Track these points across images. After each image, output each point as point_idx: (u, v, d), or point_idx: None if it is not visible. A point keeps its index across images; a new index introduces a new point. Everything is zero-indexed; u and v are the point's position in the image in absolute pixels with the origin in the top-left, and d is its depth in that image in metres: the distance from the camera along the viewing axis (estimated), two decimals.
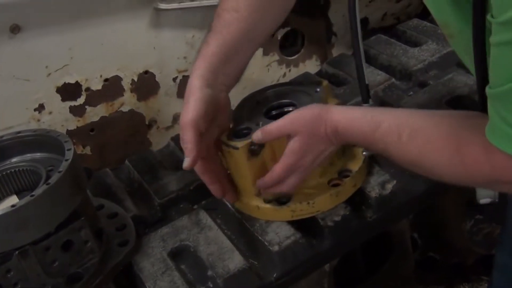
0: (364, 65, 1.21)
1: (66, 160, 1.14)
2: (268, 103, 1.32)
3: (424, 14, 2.01)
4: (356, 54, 1.20)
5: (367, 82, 1.23)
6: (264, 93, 1.36)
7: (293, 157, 1.13)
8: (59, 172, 1.11)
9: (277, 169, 1.16)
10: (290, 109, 1.29)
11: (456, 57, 1.65)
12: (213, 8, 1.63)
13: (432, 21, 1.90)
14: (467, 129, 0.91)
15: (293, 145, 1.12)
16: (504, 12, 0.71)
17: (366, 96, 1.24)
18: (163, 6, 1.60)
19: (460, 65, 1.65)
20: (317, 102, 1.25)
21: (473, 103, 1.46)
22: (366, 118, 1.05)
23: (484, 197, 1.11)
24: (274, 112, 1.31)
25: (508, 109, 0.78)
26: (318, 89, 1.29)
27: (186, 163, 1.14)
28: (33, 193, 1.07)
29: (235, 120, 1.29)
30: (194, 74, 1.17)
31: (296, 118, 1.12)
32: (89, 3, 1.51)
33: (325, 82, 1.32)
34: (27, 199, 1.06)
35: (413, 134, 0.97)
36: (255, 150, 1.21)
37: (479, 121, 0.87)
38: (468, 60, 1.02)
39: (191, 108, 1.12)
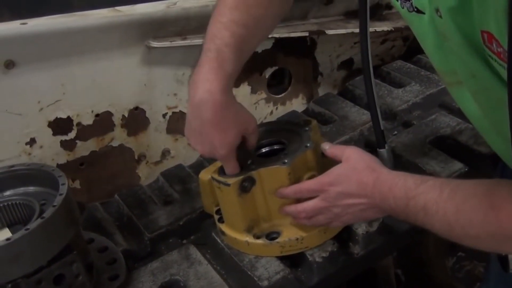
0: (379, 111, 1.24)
1: (61, 194, 1.16)
2: (258, 141, 1.35)
3: (407, 55, 2.08)
4: (371, 104, 1.24)
5: (382, 128, 1.25)
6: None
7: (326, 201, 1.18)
8: (54, 206, 1.13)
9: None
10: (279, 147, 1.33)
11: (438, 99, 1.72)
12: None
13: (415, 63, 1.96)
14: (504, 187, 0.92)
15: (332, 190, 1.16)
16: None
17: (382, 141, 1.27)
18: (154, 44, 1.63)
19: (442, 106, 1.70)
20: (307, 141, 1.28)
21: (456, 143, 1.51)
22: (414, 176, 1.07)
23: None
24: (264, 150, 1.35)
25: None
26: (307, 128, 1.33)
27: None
28: (27, 227, 1.09)
29: None
30: (216, 86, 1.13)
31: (354, 154, 1.17)
32: (82, 40, 1.54)
33: (314, 122, 1.36)
34: (21, 232, 1.07)
35: (454, 191, 0.97)
36: (246, 187, 1.24)
37: None
38: (478, 107, 1.05)
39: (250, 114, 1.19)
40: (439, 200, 0.98)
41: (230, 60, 1.15)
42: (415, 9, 1.03)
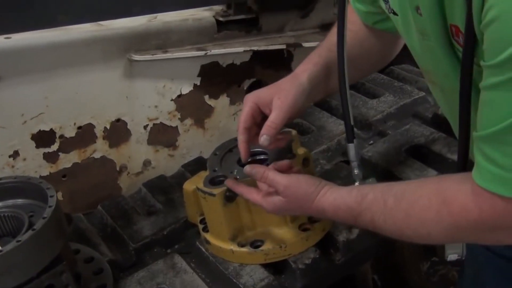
0: (350, 106, 1.25)
1: (50, 206, 1.18)
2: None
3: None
4: (343, 98, 1.25)
5: (352, 123, 1.27)
6: (236, 142, 1.43)
7: (270, 207, 1.18)
8: (44, 218, 1.15)
9: (254, 199, 1.21)
10: (262, 157, 1.37)
11: (411, 109, 1.78)
12: (183, 60, 1.74)
13: (388, 74, 2.02)
14: (451, 183, 0.94)
15: (276, 201, 1.17)
16: (497, 55, 0.76)
17: (351, 136, 1.28)
18: (136, 57, 1.67)
19: (416, 116, 1.77)
20: (288, 151, 1.33)
21: (430, 152, 1.57)
22: (352, 194, 1.08)
23: (452, 254, 1.14)
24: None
25: (497, 150, 0.82)
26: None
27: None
28: (19, 239, 1.11)
29: (209, 168, 1.36)
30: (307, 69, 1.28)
31: (292, 186, 1.15)
32: (65, 54, 1.57)
33: (294, 132, 1.40)
34: (13, 244, 1.09)
35: (398, 198, 1.00)
36: (230, 197, 1.28)
37: (459, 175, 0.94)
38: (447, 106, 1.11)
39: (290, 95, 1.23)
40: (385, 211, 1.01)
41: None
42: (392, 11, 1.09)
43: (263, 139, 1.19)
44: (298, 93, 1.23)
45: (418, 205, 0.96)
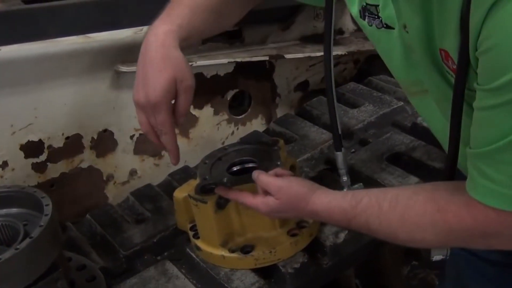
0: (338, 116, 1.27)
1: (46, 215, 1.21)
2: (231, 160, 1.43)
3: (358, 77, 2.20)
4: (331, 108, 1.27)
5: (340, 133, 1.29)
6: (225, 151, 1.47)
7: (264, 208, 1.22)
8: (41, 226, 1.18)
9: (248, 202, 1.25)
10: (251, 165, 1.41)
11: (391, 118, 1.84)
12: None
13: (367, 84, 2.08)
14: (444, 191, 0.98)
15: (270, 202, 1.20)
16: (494, 80, 0.79)
17: (339, 145, 1.30)
18: (123, 69, 1.70)
19: (395, 125, 1.83)
20: (276, 159, 1.38)
21: (410, 159, 1.63)
22: (347, 198, 1.11)
23: (437, 254, 1.16)
24: (235, 169, 1.43)
25: (492, 167, 0.85)
26: (276, 148, 1.42)
27: (173, 159, 1.24)
28: (17, 247, 1.13)
29: (200, 176, 1.40)
30: (167, 28, 1.17)
31: (285, 187, 1.19)
32: (54, 66, 1.60)
33: (281, 141, 1.45)
34: (11, 252, 1.12)
35: (394, 202, 1.03)
36: (221, 204, 1.32)
37: (452, 184, 0.98)
38: (441, 113, 1.12)
39: (192, 73, 1.16)
40: (380, 215, 1.04)
41: (182, 14, 1.20)
42: (385, 25, 1.11)
43: None
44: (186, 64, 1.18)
45: (413, 211, 1.00)
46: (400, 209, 1.02)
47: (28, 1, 1.64)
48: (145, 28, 1.73)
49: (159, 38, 1.16)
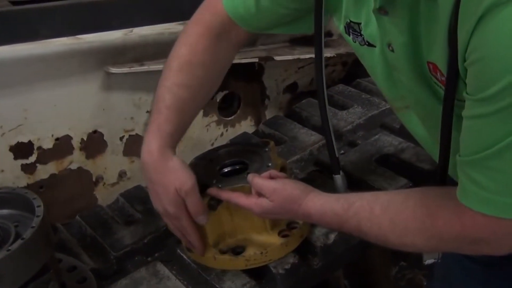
0: (333, 137, 1.28)
1: (38, 216, 1.21)
2: (221, 161, 1.44)
3: (347, 79, 2.22)
4: (326, 131, 1.28)
5: (337, 155, 1.29)
6: (216, 153, 1.48)
7: (258, 209, 1.24)
8: (33, 227, 1.18)
9: (241, 203, 1.27)
10: (242, 167, 1.42)
11: (380, 120, 1.86)
12: (159, 73, 1.77)
13: (355, 86, 2.10)
14: (435, 197, 1.01)
15: (264, 203, 1.23)
16: (482, 90, 0.81)
17: (337, 168, 1.30)
18: (113, 70, 1.70)
19: (384, 127, 1.84)
20: (267, 160, 1.38)
21: (399, 161, 1.64)
22: (339, 201, 1.13)
23: (429, 258, 1.16)
24: (226, 170, 1.44)
25: (482, 174, 0.87)
26: (266, 149, 1.43)
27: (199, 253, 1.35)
28: (9, 248, 1.13)
29: None
30: (158, 144, 1.28)
31: (278, 189, 1.21)
32: (43, 67, 1.60)
33: (271, 143, 1.46)
34: (3, 253, 1.12)
35: (385, 206, 1.06)
36: (212, 205, 1.33)
37: (442, 189, 1.00)
38: (424, 128, 1.16)
39: (189, 174, 1.27)
40: (371, 217, 1.07)
41: (170, 121, 1.28)
42: (367, 43, 1.13)
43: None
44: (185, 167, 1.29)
45: (404, 215, 1.03)
46: (391, 213, 1.05)
47: (16, 2, 1.64)
48: (135, 29, 1.75)
49: (154, 156, 1.27)
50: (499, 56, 0.78)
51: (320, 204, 1.16)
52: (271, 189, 1.22)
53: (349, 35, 1.17)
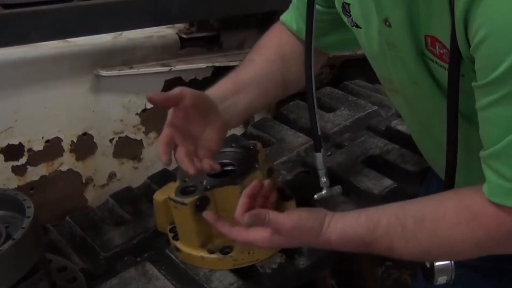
0: (318, 118, 1.27)
1: (28, 217, 1.23)
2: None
3: (334, 82, 2.24)
4: (311, 109, 1.26)
5: (319, 133, 1.27)
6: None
7: (268, 244, 1.13)
8: (23, 228, 1.20)
9: (242, 239, 1.16)
10: (229, 168, 1.44)
11: (366, 122, 1.88)
12: (148, 76, 1.81)
13: (342, 89, 2.12)
14: (473, 196, 0.93)
15: (276, 240, 1.10)
16: (491, 72, 0.80)
17: (319, 146, 1.27)
18: (103, 73, 1.73)
19: (370, 129, 1.87)
20: (255, 162, 1.41)
21: (385, 162, 1.67)
22: (361, 221, 1.03)
23: (442, 276, 1.07)
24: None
25: (507, 164, 0.84)
26: (254, 151, 1.45)
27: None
28: (0, 248, 1.15)
29: (180, 178, 1.42)
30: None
31: (297, 227, 1.08)
32: (34, 70, 1.62)
33: (259, 145, 1.48)
34: None
35: (418, 219, 0.97)
36: (200, 206, 1.35)
37: (474, 188, 0.93)
38: (412, 113, 1.16)
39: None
40: (405, 235, 0.98)
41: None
42: (355, 24, 1.15)
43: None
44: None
45: (446, 223, 0.95)
46: (428, 224, 0.97)
47: (8, 6, 1.65)
48: (124, 33, 1.77)
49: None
50: (504, 33, 0.78)
51: (340, 228, 1.05)
52: (290, 227, 1.08)
53: (345, 15, 1.18)
